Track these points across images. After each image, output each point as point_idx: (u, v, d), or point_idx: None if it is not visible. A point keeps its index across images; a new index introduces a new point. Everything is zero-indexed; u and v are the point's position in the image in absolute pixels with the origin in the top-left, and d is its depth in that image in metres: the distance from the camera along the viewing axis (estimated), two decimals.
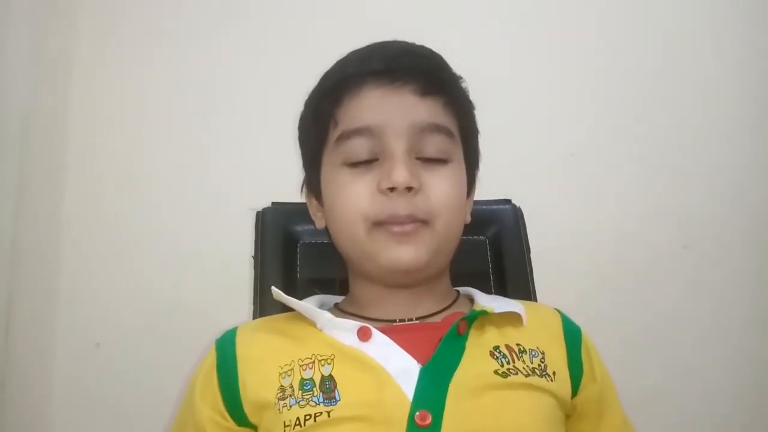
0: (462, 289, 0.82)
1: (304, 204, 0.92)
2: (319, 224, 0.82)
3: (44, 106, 1.14)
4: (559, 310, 0.79)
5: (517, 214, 0.96)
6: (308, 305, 0.73)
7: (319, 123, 0.77)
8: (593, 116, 1.27)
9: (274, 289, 0.76)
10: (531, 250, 0.94)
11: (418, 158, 0.72)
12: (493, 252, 0.93)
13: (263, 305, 0.89)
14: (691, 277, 1.25)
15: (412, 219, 0.70)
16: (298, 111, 0.84)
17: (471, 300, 0.79)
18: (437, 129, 0.73)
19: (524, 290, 0.90)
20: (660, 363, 1.21)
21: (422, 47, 0.78)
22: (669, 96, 1.29)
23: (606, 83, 1.29)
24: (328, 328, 0.71)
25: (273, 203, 0.97)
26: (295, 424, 0.64)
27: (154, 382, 1.09)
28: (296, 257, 0.92)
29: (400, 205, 0.69)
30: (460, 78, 0.80)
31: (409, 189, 0.69)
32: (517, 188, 0.99)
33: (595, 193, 1.25)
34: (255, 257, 0.93)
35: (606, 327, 0.78)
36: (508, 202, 0.97)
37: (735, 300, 1.25)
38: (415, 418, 0.61)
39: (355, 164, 0.73)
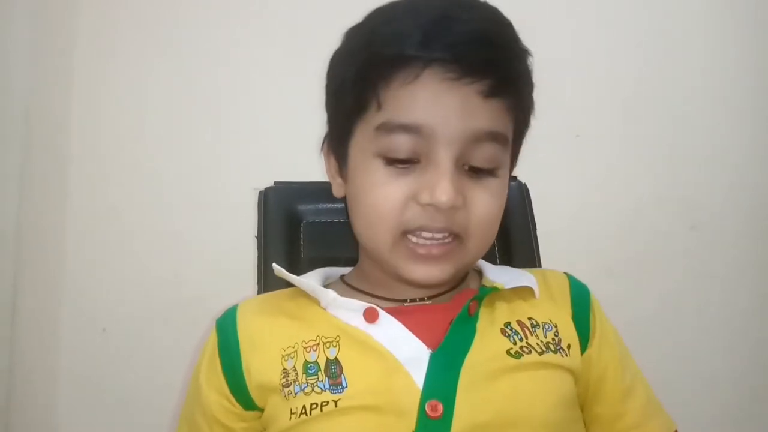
0: None
1: (307, 183, 0.91)
2: (337, 192, 0.75)
3: (46, 96, 1.13)
4: (567, 273, 0.76)
5: (523, 191, 0.95)
6: (311, 283, 0.70)
7: (359, 92, 0.66)
8: (599, 98, 1.25)
9: (275, 266, 0.73)
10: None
11: (464, 165, 0.65)
12: (499, 229, 0.92)
13: (267, 285, 0.88)
14: (696, 258, 1.24)
15: (446, 231, 0.65)
16: (300, 90, 0.82)
17: (479, 273, 0.76)
18: (494, 138, 0.65)
19: (530, 267, 0.89)
20: (664, 345, 1.21)
21: (495, 28, 0.66)
22: (675, 77, 1.27)
23: (611, 64, 1.26)
24: (332, 307, 0.68)
25: (276, 182, 0.95)
26: (301, 413, 0.62)
27: (160, 367, 1.09)
28: (300, 236, 0.91)
29: (437, 219, 0.64)
30: (528, 53, 0.69)
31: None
32: (521, 169, 0.97)
33: (599, 175, 1.24)
34: (258, 237, 0.92)
35: (610, 308, 0.77)
36: (513, 178, 0.95)
37: (740, 283, 1.25)
38: (426, 408, 0.59)
39: (393, 161, 0.64)
